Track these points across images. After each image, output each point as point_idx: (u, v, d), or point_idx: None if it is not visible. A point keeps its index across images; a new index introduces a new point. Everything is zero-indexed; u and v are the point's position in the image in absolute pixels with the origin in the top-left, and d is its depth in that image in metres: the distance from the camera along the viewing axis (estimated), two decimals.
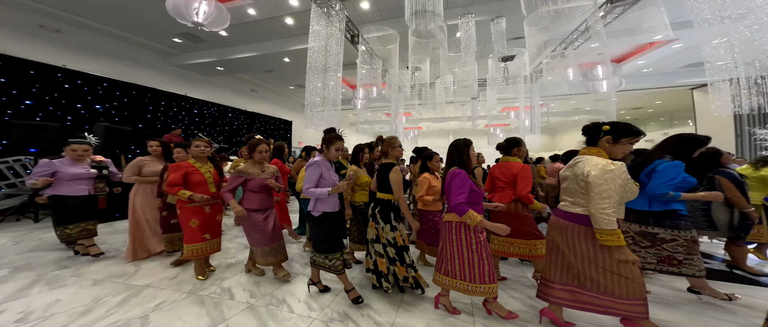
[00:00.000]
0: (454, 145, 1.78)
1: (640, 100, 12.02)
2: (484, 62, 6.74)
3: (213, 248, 2.30)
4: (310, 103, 5.16)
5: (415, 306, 1.92)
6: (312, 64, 5.11)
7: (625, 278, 1.42)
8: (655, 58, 7.51)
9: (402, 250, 1.95)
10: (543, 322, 1.71)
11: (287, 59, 8.65)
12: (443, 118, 15.03)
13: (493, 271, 1.66)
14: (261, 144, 2.21)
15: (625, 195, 1.39)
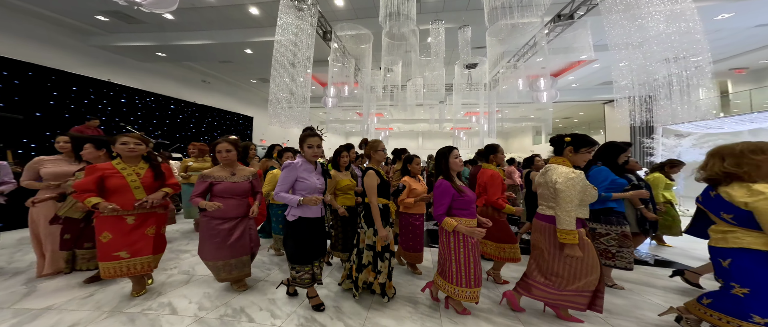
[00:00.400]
0: (438, 154, 1.87)
1: (569, 111, 14.32)
2: (451, 68, 7.29)
3: (135, 269, 1.81)
4: (275, 98, 4.89)
5: (386, 305, 1.92)
6: (278, 58, 4.86)
7: (583, 273, 1.62)
8: (581, 75, 9.08)
9: (377, 256, 1.89)
10: (503, 303, 1.94)
11: (250, 51, 8.05)
12: (413, 119, 15.61)
13: (480, 276, 1.73)
14: (220, 143, 1.98)
15: (585, 198, 1.62)
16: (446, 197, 1.70)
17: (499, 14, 4.13)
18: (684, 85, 3.65)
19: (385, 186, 1.99)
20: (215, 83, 11.00)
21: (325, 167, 1.93)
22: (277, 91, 4.88)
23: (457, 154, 1.82)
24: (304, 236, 1.72)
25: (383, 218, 1.90)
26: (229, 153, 1.97)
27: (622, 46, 4.06)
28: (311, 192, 1.71)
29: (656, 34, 3.66)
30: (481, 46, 5.78)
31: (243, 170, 2.08)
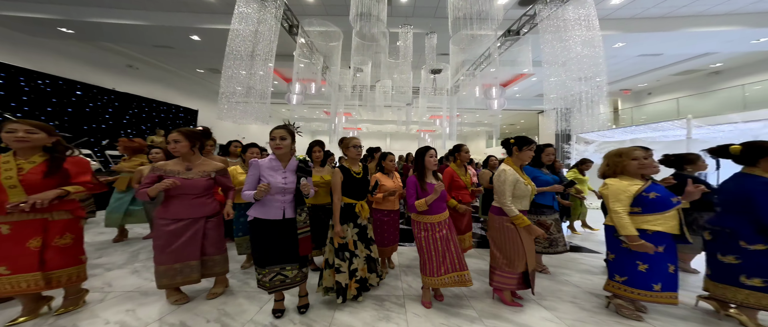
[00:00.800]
0: (416, 153, 2.04)
1: (513, 119, 16.40)
2: (418, 72, 7.69)
3: (19, 286, 1.49)
4: (228, 91, 4.53)
5: (351, 306, 1.91)
6: (234, 48, 4.52)
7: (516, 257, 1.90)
8: (523, 87, 10.55)
9: (335, 253, 1.94)
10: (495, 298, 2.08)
11: (197, 38, 7.14)
12: (381, 120, 15.75)
13: (451, 265, 1.88)
14: (171, 133, 1.81)
15: (517, 192, 1.86)
16: (412, 190, 1.91)
17: (461, 24, 4.53)
18: (589, 101, 4.46)
19: (356, 185, 1.99)
20: (146, 70, 9.39)
21: (302, 163, 1.79)
22: (230, 84, 4.51)
23: (433, 154, 1.98)
24: (260, 238, 1.64)
25: (348, 217, 1.95)
26: (178, 144, 1.78)
27: (552, 63, 4.73)
28: (273, 192, 1.62)
29: (575, 55, 4.41)
30: (445, 53, 6.28)
31: (204, 165, 1.88)
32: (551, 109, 5.02)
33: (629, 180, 1.82)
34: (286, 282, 1.68)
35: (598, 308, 1.99)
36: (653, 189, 1.77)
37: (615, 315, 1.89)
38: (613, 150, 1.93)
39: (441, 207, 1.93)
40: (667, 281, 1.73)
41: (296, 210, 1.71)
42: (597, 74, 4.38)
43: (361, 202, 2.02)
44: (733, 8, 5.55)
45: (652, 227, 1.73)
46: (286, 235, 1.67)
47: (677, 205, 1.74)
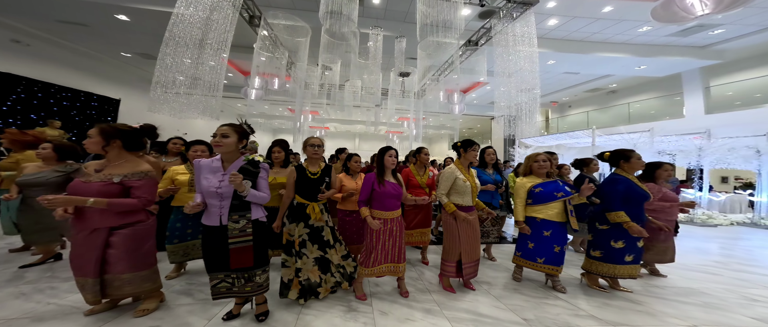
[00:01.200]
0: (378, 152, 2.12)
1: (471, 123, 18.06)
2: (387, 74, 7.84)
3: None
4: (163, 80, 4.00)
5: (314, 308, 1.89)
6: (175, 34, 4.02)
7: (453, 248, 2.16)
8: (480, 94, 11.76)
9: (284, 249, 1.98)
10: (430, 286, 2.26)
11: (125, 17, 6.04)
12: (350, 120, 15.51)
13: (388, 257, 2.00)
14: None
15: (455, 188, 2.14)
16: (367, 187, 1.99)
17: (428, 31, 4.83)
18: (528, 110, 5.14)
19: (310, 186, 1.98)
20: (40, 47, 7.34)
21: (249, 165, 1.56)
22: (167, 73, 3.99)
23: (392, 154, 2.07)
24: (204, 243, 1.58)
25: (298, 217, 1.96)
26: (89, 140, 1.56)
27: (502, 74, 5.32)
28: (207, 195, 1.51)
29: (519, 68, 5.08)
30: (413, 57, 6.57)
31: (120, 167, 1.60)
32: (500, 115, 5.61)
33: (531, 179, 2.29)
34: (233, 290, 1.58)
35: (535, 291, 2.26)
36: (541, 185, 2.23)
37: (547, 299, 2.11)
38: (530, 154, 2.38)
39: (394, 205, 2.02)
40: (550, 257, 2.20)
41: (231, 216, 1.50)
42: (534, 87, 5.10)
43: (313, 204, 1.97)
44: (625, 39, 7.24)
45: (538, 215, 2.22)
46: (222, 244, 1.53)
47: (560, 198, 2.19)
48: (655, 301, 2.09)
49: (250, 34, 5.79)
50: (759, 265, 3.17)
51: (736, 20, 6.09)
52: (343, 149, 3.54)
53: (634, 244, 2.16)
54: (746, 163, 6.39)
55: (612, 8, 5.89)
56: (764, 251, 3.86)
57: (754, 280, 2.61)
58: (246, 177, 1.50)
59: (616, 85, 11.03)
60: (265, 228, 1.64)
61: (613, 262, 2.17)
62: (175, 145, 2.72)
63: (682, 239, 4.42)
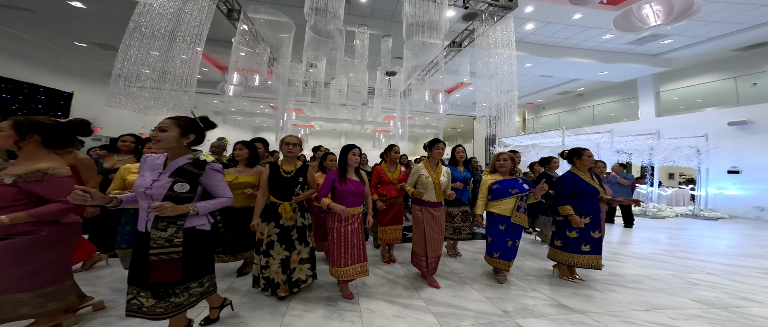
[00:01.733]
0: (341, 150, 2.14)
1: (454, 123, 18.53)
2: (373, 73, 7.79)
3: None
4: (126, 73, 3.74)
5: (299, 307, 1.90)
6: (141, 24, 3.76)
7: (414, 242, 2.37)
8: (463, 94, 12.10)
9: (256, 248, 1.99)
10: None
11: (80, 4, 5.41)
12: (336, 119, 15.25)
13: (355, 257, 2.02)
14: None
15: (420, 183, 2.33)
16: (327, 184, 2.02)
17: (414, 31, 4.89)
18: (507, 110, 5.42)
19: (282, 185, 1.96)
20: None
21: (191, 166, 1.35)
22: (130, 64, 3.73)
23: (356, 153, 2.09)
24: (133, 250, 1.36)
25: (269, 216, 1.95)
26: (1, 133, 1.35)
27: (483, 75, 5.53)
28: (138, 195, 1.31)
29: (499, 70, 5.33)
30: (399, 56, 6.59)
31: (19, 165, 1.37)
32: (482, 116, 5.87)
33: (495, 176, 2.46)
34: (142, 310, 1.28)
35: (514, 284, 2.43)
36: (499, 182, 2.40)
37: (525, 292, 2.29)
38: (496, 153, 2.59)
39: (355, 202, 2.05)
40: (504, 252, 2.35)
41: (157, 223, 1.27)
42: (512, 88, 5.39)
43: (285, 204, 1.93)
44: (591, 45, 7.84)
45: (495, 210, 2.38)
46: (143, 253, 1.28)
47: (514, 195, 2.35)
48: (616, 289, 2.36)
49: (228, 28, 5.45)
50: (699, 252, 3.68)
51: (683, 32, 6.86)
52: (319, 147, 3.54)
53: (588, 234, 2.37)
54: (688, 161, 7.28)
55: (581, 15, 6.34)
56: (703, 240, 4.47)
57: (695, 266, 3.04)
58: (184, 179, 1.30)
59: (583, 89, 11.92)
60: (204, 238, 1.39)
61: (571, 251, 2.40)
62: (125, 143, 2.52)
63: (637, 231, 4.98)
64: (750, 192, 6.85)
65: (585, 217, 2.36)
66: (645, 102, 9.60)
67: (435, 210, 2.33)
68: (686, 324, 1.82)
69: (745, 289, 2.41)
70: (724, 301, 2.18)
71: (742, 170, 7.03)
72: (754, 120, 6.92)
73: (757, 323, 1.85)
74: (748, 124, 6.98)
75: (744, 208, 6.86)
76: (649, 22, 4.45)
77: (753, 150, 6.88)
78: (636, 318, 1.88)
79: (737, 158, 7.08)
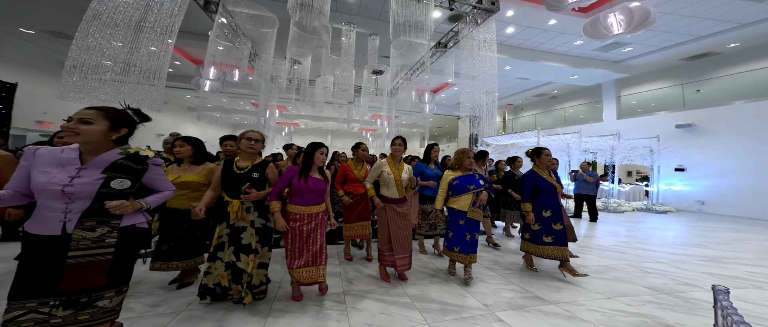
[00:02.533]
0: (307, 146, 2.07)
1: (440, 122, 18.92)
2: (360, 71, 7.70)
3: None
4: (82, 64, 3.50)
5: (283, 308, 1.87)
6: (100, 12, 3.49)
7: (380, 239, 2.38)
8: (448, 94, 12.38)
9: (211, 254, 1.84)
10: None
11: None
12: (322, 117, 14.86)
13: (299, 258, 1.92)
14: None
15: (382, 179, 2.36)
16: (284, 180, 1.90)
17: (401, 30, 4.91)
18: (488, 111, 5.65)
19: (235, 181, 1.82)
20: None
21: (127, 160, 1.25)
22: (87, 55, 3.49)
23: (323, 152, 2.04)
24: (24, 259, 1.11)
25: (221, 215, 1.86)
26: None
27: (466, 76, 5.71)
28: (42, 195, 1.12)
29: (482, 72, 5.58)
30: (386, 55, 6.58)
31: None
32: (465, 116, 6.10)
33: (453, 173, 2.52)
34: (51, 322, 1.08)
35: (493, 279, 2.64)
36: (459, 179, 2.48)
37: (503, 285, 2.50)
38: (458, 149, 2.60)
39: (314, 200, 1.96)
40: (464, 246, 2.42)
41: (82, 222, 1.14)
42: (493, 89, 5.65)
43: (235, 201, 1.79)
44: (564, 50, 8.37)
45: (455, 206, 2.46)
46: (58, 258, 1.12)
47: (471, 191, 2.44)
48: (582, 279, 2.61)
49: (205, 20, 5.10)
50: (652, 243, 4.16)
51: (641, 41, 7.55)
52: (291, 145, 3.47)
53: (550, 226, 2.54)
54: (643, 159, 8.10)
55: (556, 21, 6.74)
56: (655, 232, 5.04)
57: (648, 256, 3.44)
58: (125, 175, 1.20)
59: (556, 92, 12.71)
60: (140, 237, 1.29)
61: (536, 243, 2.60)
62: (62, 140, 2.22)
63: (600, 224, 5.49)
64: (693, 188, 7.80)
65: (546, 210, 2.58)
66: (608, 105, 10.47)
67: (398, 206, 2.36)
68: (640, 309, 2.08)
69: (688, 276, 2.78)
70: (671, 287, 2.50)
71: (687, 168, 7.97)
72: (697, 123, 7.84)
73: (698, 306, 2.15)
74: (692, 126, 7.90)
75: (688, 202, 7.81)
76: (612, 30, 4.87)
77: (696, 150, 7.81)
78: (599, 306, 2.11)
79: (683, 157, 8.01)
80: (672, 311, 2.06)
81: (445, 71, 7.30)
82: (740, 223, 5.90)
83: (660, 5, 5.72)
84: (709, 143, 7.58)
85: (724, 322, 1.03)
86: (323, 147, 2.05)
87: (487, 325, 1.82)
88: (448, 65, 7.14)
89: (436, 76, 7.81)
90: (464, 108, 5.91)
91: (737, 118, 7.12)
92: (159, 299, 1.98)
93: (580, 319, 1.92)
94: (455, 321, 1.86)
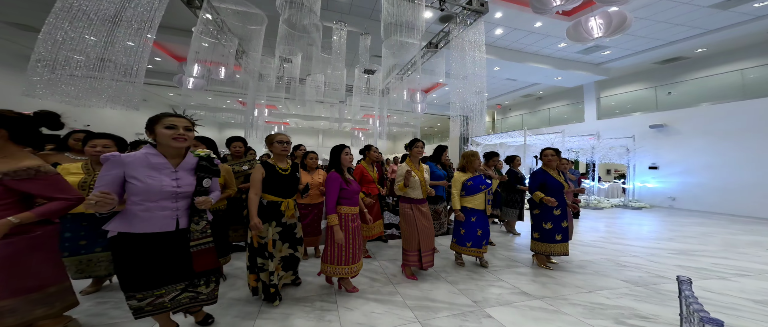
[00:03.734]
0: (332, 150, 2.18)
1: (431, 122, 19.09)
2: (352, 70, 7.63)
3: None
4: (50, 59, 3.33)
5: (278, 312, 1.88)
6: (71, 4, 3.32)
7: (404, 239, 2.51)
8: (439, 94, 12.49)
9: (253, 253, 1.91)
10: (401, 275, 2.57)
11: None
12: (313, 116, 14.67)
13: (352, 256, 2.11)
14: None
15: (408, 182, 2.41)
16: (335, 186, 2.03)
17: (392, 30, 4.92)
18: (478, 111, 5.79)
19: (282, 182, 1.94)
20: None
21: (204, 161, 1.45)
22: (55, 49, 3.31)
23: (348, 152, 2.16)
24: (139, 256, 1.28)
25: (271, 216, 1.91)
26: None
27: (457, 76, 5.83)
28: (154, 197, 1.29)
29: (471, 72, 5.74)
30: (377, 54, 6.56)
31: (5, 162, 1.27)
32: (456, 115, 6.22)
33: (464, 174, 2.70)
34: (199, 298, 1.46)
35: (483, 275, 2.67)
36: (471, 179, 2.68)
37: (492, 282, 2.67)
38: (466, 152, 2.76)
39: (354, 201, 2.15)
40: (475, 241, 2.66)
41: (191, 218, 1.38)
42: (482, 90, 5.78)
43: (288, 201, 1.96)
44: (549, 52, 8.66)
45: (468, 204, 2.67)
46: (179, 250, 1.37)
47: (483, 190, 2.65)
48: (564, 274, 2.75)
49: (188, 16, 4.89)
50: (628, 238, 4.42)
51: (618, 44, 7.93)
52: (300, 146, 3.56)
53: (559, 225, 2.73)
54: (620, 158, 8.54)
55: (541, 24, 6.96)
56: (632, 227, 5.36)
57: (624, 250, 3.66)
58: (205, 174, 1.43)
59: (542, 93, 13.13)
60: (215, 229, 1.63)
61: (548, 241, 2.74)
62: (77, 141, 2.18)
63: (582, 220, 5.76)
64: (665, 185, 8.32)
65: (557, 209, 2.73)
66: (589, 106, 10.95)
67: (422, 206, 2.51)
68: (617, 301, 2.22)
69: (660, 269, 2.99)
70: (645, 279, 2.68)
71: (659, 166, 8.48)
72: (668, 123, 8.35)
73: (668, 297, 2.32)
74: (664, 127, 8.40)
75: (660, 198, 8.33)
76: (593, 33, 5.09)
77: (668, 149, 8.33)
78: (580, 300, 2.23)
79: (655, 156, 8.51)
80: (646, 303, 2.21)
81: (436, 71, 7.37)
82: (707, 218, 6.36)
83: (636, 10, 6.03)
84: (679, 142, 8.10)
85: (687, 311, 1.12)
86: (346, 147, 2.17)
87: (477, 322, 1.88)
88: (439, 65, 7.21)
89: (428, 76, 7.87)
90: (455, 108, 6.03)
91: (704, 119, 7.64)
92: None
93: (563, 313, 2.03)
94: (446, 318, 1.91)
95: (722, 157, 7.19)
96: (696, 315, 0.98)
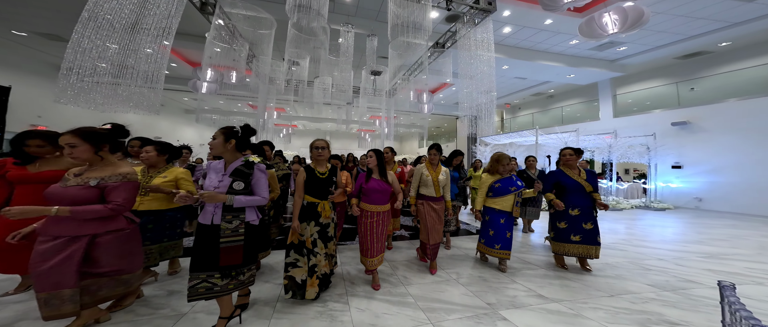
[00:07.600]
0: (377, 153, 2.41)
1: (438, 122, 18.94)
2: (359, 72, 7.68)
3: None
4: (78, 66, 3.44)
5: (289, 309, 1.92)
6: (96, 13, 3.45)
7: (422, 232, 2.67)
8: (446, 94, 12.39)
9: (290, 249, 2.03)
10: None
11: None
12: (320, 118, 14.89)
13: (377, 250, 2.31)
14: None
15: (423, 182, 2.64)
16: (357, 184, 2.37)
17: (399, 31, 4.92)
18: (487, 110, 5.67)
19: (319, 185, 2.09)
20: None
21: (243, 167, 1.65)
22: (82, 58, 3.43)
23: (387, 152, 2.55)
24: (195, 242, 1.60)
25: (309, 216, 2.05)
26: (74, 149, 1.48)
27: (465, 76, 5.72)
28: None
29: (479, 71, 5.66)
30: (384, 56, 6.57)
31: (99, 170, 1.56)
32: (464, 115, 6.12)
33: (492, 176, 2.75)
34: (214, 289, 1.57)
35: (496, 277, 2.64)
36: (500, 181, 2.71)
37: (506, 284, 2.65)
38: (494, 154, 2.80)
39: (380, 199, 2.32)
40: (504, 243, 2.66)
41: (224, 216, 1.57)
42: (491, 89, 5.66)
43: (324, 202, 2.10)
44: (560, 50, 8.42)
45: (496, 206, 2.70)
46: (211, 243, 1.57)
47: (513, 192, 2.66)
48: (583, 277, 2.62)
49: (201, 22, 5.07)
50: (651, 240, 4.17)
51: (636, 40, 7.62)
52: (335, 156, 3.89)
53: (579, 225, 2.65)
54: (640, 157, 8.15)
55: (551, 21, 6.78)
56: (654, 229, 5.07)
57: (648, 253, 3.45)
58: (239, 178, 1.60)
59: (553, 91, 12.79)
60: (255, 231, 1.70)
61: (561, 241, 2.69)
62: (133, 149, 2.45)
63: (600, 222, 5.47)
64: (690, 185, 7.86)
65: (573, 209, 2.65)
66: (604, 104, 10.55)
67: (435, 204, 2.64)
68: (644, 307, 2.08)
69: (689, 273, 2.79)
70: (673, 284, 2.51)
71: (683, 165, 8.03)
72: (692, 121, 7.92)
73: (701, 302, 2.15)
74: (687, 124, 7.97)
75: (685, 199, 7.87)
76: (607, 29, 4.89)
77: (692, 147, 7.88)
78: (602, 304, 2.10)
79: (679, 155, 8.07)
80: (676, 308, 2.06)
81: (443, 71, 7.29)
82: (737, 220, 5.95)
83: (653, 5, 5.78)
84: (705, 140, 7.66)
85: (733, 318, 1.01)
86: (386, 148, 2.55)
87: (491, 324, 1.80)
88: (446, 65, 7.14)
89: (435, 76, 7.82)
90: (462, 108, 5.94)
91: (731, 116, 7.20)
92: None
93: (584, 317, 1.91)
94: (459, 320, 1.85)
95: (753, 155, 6.73)
96: (744, 323, 0.88)
